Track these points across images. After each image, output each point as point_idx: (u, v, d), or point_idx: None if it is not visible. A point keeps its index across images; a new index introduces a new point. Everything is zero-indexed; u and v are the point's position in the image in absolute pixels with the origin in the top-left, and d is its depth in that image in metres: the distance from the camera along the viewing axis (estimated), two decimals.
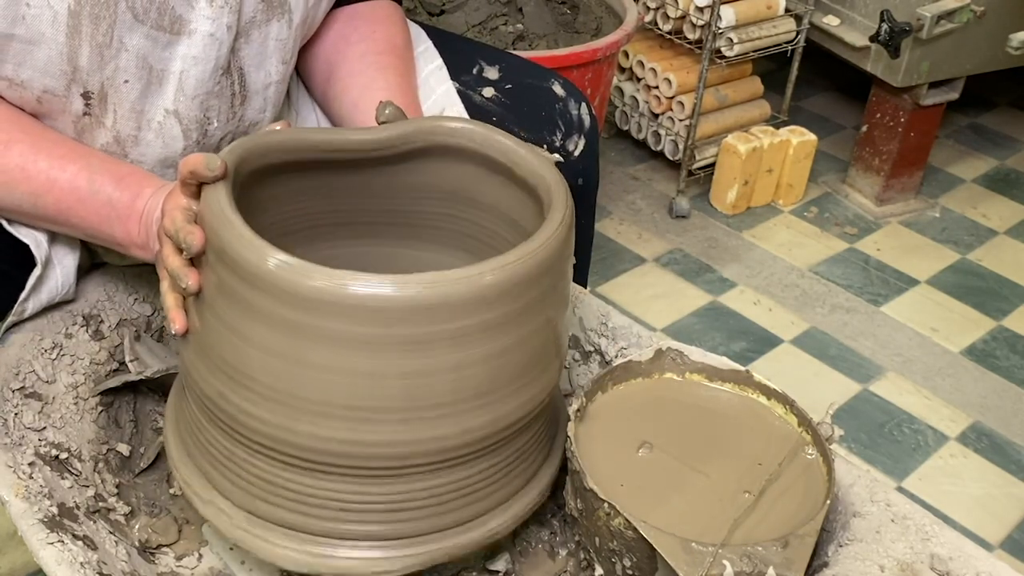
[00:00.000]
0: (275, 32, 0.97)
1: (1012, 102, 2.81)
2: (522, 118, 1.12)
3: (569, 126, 1.15)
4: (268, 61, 0.98)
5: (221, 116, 0.97)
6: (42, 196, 0.87)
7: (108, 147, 0.93)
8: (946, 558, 0.79)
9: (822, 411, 0.88)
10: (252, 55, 0.96)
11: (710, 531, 0.79)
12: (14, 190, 0.87)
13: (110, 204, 0.87)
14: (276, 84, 1.00)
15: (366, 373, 0.73)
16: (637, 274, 2.06)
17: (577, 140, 1.15)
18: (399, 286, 0.71)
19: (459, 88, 1.12)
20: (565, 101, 1.15)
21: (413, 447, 0.76)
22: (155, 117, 0.93)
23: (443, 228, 0.97)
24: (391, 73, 1.01)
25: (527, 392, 0.80)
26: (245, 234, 0.74)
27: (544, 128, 1.14)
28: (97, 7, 0.85)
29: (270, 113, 1.02)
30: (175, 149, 0.95)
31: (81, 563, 0.77)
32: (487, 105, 1.12)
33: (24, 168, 0.87)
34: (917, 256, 2.18)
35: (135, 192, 0.87)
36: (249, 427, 0.77)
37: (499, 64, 1.15)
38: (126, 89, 0.90)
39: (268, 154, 0.84)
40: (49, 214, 0.89)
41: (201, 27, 0.90)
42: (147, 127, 0.93)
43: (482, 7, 2.11)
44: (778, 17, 2.14)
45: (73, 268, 0.96)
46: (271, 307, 0.72)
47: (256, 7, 0.94)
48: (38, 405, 0.91)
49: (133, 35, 0.88)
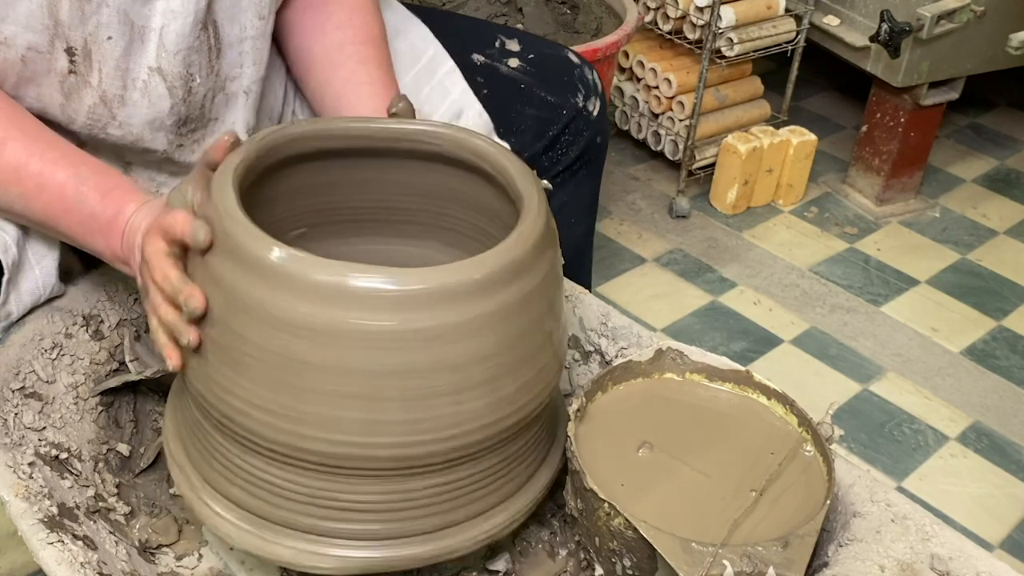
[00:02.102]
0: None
1: (1012, 102, 2.81)
2: (548, 83, 1.21)
3: (587, 89, 1.24)
4: (243, 15, 0.98)
5: (202, 71, 0.97)
6: (31, 200, 0.88)
7: (95, 109, 0.93)
8: (946, 558, 0.79)
9: (822, 411, 0.88)
10: (225, 7, 0.97)
11: (710, 531, 0.79)
12: (7, 190, 0.88)
13: (93, 217, 0.87)
14: (252, 40, 1.00)
15: (365, 371, 0.73)
16: (637, 274, 2.06)
17: (595, 102, 1.25)
18: (399, 279, 0.72)
19: (485, 61, 1.21)
20: (581, 67, 1.25)
21: (413, 448, 0.76)
22: (140, 76, 0.94)
23: (436, 225, 0.97)
24: (372, 66, 1.02)
25: (528, 389, 0.81)
26: (250, 228, 0.74)
27: (568, 92, 1.22)
28: None
29: (249, 70, 1.01)
30: (162, 108, 0.96)
31: (81, 563, 0.77)
32: (514, 74, 1.21)
33: (17, 169, 0.87)
34: (917, 256, 2.18)
35: (117, 208, 0.87)
36: (246, 427, 0.77)
37: (516, 38, 1.25)
38: (109, 46, 0.91)
39: (278, 150, 0.85)
40: (38, 218, 0.90)
41: None
42: (132, 86, 0.94)
43: (482, 7, 2.11)
44: (778, 17, 2.14)
45: (54, 268, 0.96)
46: (272, 301, 0.73)
47: None
48: (38, 405, 0.91)
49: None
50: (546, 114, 1.20)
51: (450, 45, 1.17)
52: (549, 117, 1.20)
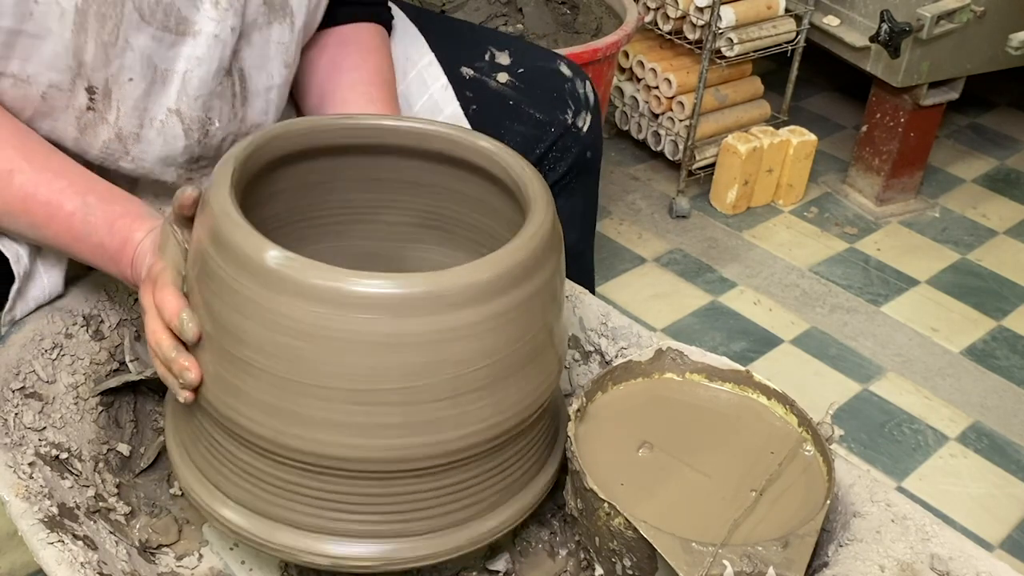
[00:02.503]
0: (276, 35, 0.98)
1: (1012, 102, 2.81)
2: (536, 100, 1.20)
3: (578, 104, 1.23)
4: (270, 63, 0.99)
5: (223, 117, 0.97)
6: (42, 228, 0.88)
7: (109, 144, 0.93)
8: (946, 558, 0.79)
9: (822, 411, 0.88)
10: (253, 57, 0.97)
11: (710, 531, 0.79)
12: (16, 220, 0.89)
13: (102, 247, 0.88)
14: (278, 87, 1.01)
15: (366, 374, 0.73)
16: (637, 274, 2.06)
17: (585, 117, 1.23)
18: (399, 283, 0.71)
19: (474, 75, 1.19)
20: (572, 81, 1.23)
21: (413, 450, 0.76)
22: (157, 115, 0.94)
23: (434, 227, 0.97)
24: (380, 106, 1.03)
25: (528, 391, 0.80)
26: (248, 231, 0.74)
27: (556, 108, 1.21)
28: (104, 6, 0.85)
29: (272, 116, 1.02)
30: (176, 148, 0.96)
31: (81, 563, 0.77)
32: (503, 90, 1.20)
33: (24, 200, 0.87)
34: (917, 256, 2.18)
35: (125, 237, 0.87)
36: (249, 429, 0.77)
37: (508, 49, 1.23)
38: (130, 87, 0.91)
39: (276, 147, 0.85)
40: (51, 244, 0.90)
41: (205, 28, 0.91)
42: (149, 125, 0.94)
43: (482, 7, 2.12)
44: (778, 17, 2.14)
45: (61, 278, 0.97)
46: (271, 304, 0.72)
47: (258, 10, 0.95)
48: (38, 405, 0.91)
49: (139, 35, 0.88)
50: (534, 131, 1.19)
51: (440, 58, 1.17)
52: (537, 134, 1.19)
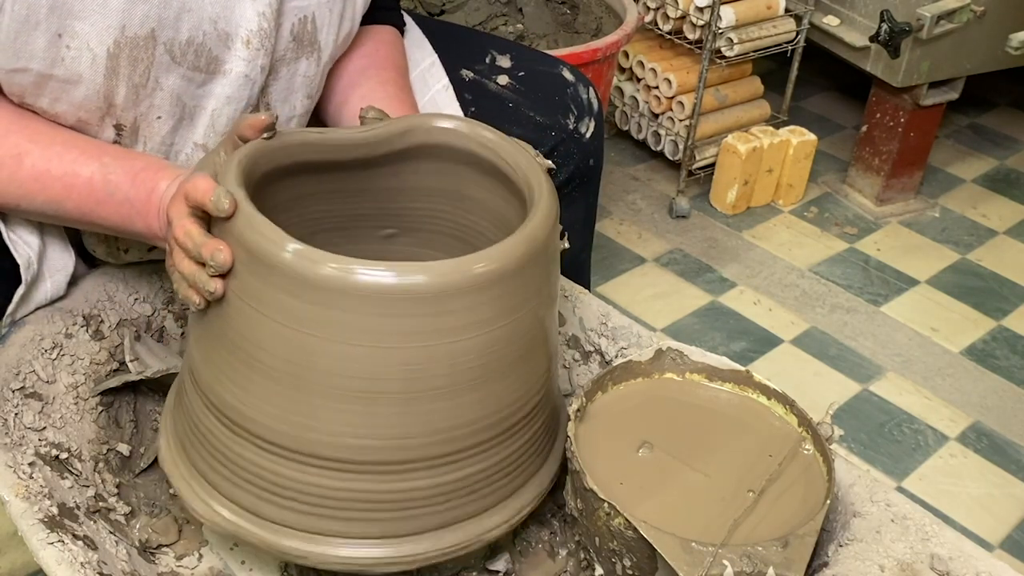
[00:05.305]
0: (303, 69, 0.97)
1: (1012, 102, 2.81)
2: (537, 103, 1.17)
3: (580, 110, 1.19)
4: (294, 96, 0.99)
5: None
6: (62, 203, 0.88)
7: None
8: (946, 558, 0.79)
9: (822, 411, 0.88)
10: (279, 91, 0.97)
11: (710, 531, 0.79)
12: (34, 200, 0.88)
13: (128, 202, 0.87)
14: (299, 117, 1.01)
15: (368, 365, 0.74)
16: (637, 274, 2.06)
17: (588, 123, 1.20)
18: (399, 273, 0.72)
19: (474, 77, 1.16)
20: (575, 86, 1.20)
21: (411, 440, 0.77)
22: (183, 150, 0.94)
23: (435, 228, 0.97)
24: (391, 86, 1.01)
25: (520, 384, 0.81)
26: (261, 224, 0.74)
27: (558, 112, 1.18)
28: (136, 50, 0.85)
29: None
30: None
31: (81, 563, 0.77)
32: (503, 93, 1.17)
33: (39, 179, 0.87)
34: (917, 256, 2.18)
35: (150, 187, 0.86)
36: (257, 421, 0.78)
37: (509, 53, 1.20)
38: (158, 124, 0.91)
39: (273, 158, 0.85)
40: (72, 217, 0.89)
41: (236, 68, 0.91)
42: (175, 158, 0.94)
43: (482, 7, 2.12)
44: (778, 17, 2.14)
45: (64, 282, 0.96)
46: (282, 296, 0.73)
47: (288, 46, 0.94)
48: (38, 405, 0.91)
49: (169, 75, 0.88)
50: (534, 135, 1.14)
51: (441, 60, 1.15)
52: (537, 138, 1.14)
